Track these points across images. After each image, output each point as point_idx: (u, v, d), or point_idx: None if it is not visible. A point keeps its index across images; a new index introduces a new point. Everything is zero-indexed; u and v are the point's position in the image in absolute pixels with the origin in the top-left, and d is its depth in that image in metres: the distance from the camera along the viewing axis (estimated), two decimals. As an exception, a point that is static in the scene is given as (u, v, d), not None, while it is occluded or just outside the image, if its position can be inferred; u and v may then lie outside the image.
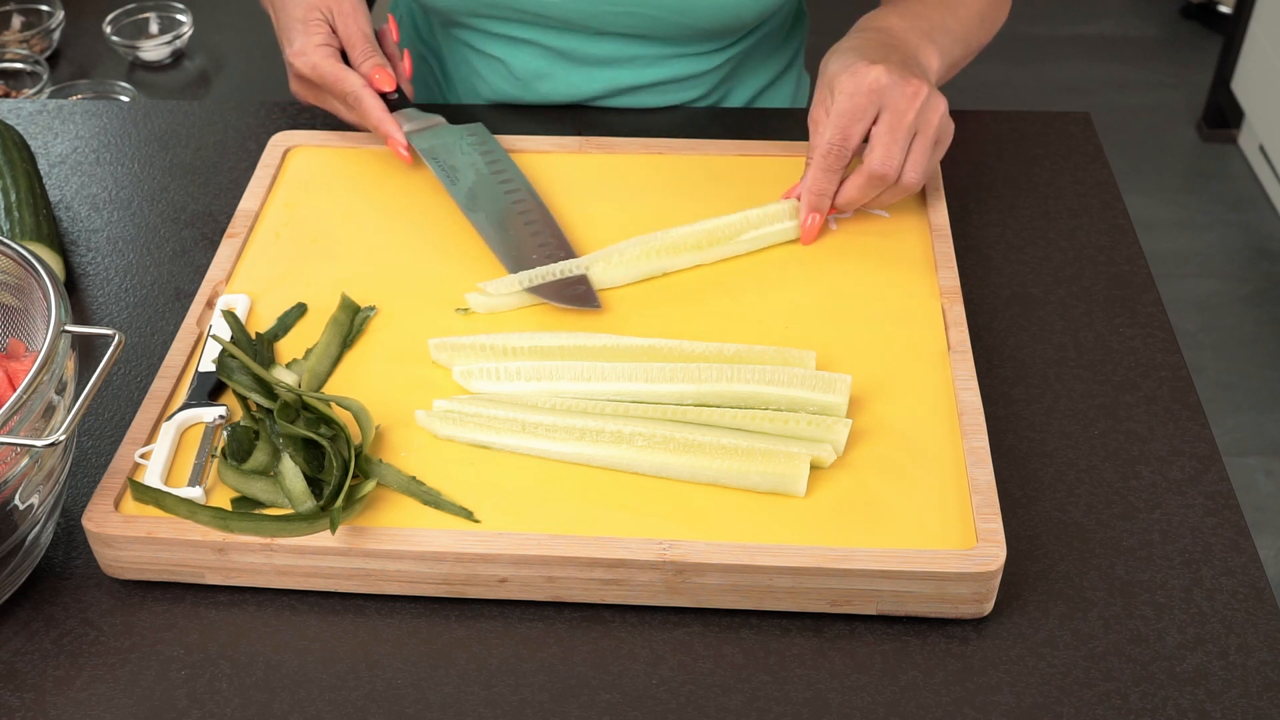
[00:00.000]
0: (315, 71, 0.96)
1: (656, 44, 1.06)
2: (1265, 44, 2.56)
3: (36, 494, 0.69)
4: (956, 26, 0.97)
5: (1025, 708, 0.67)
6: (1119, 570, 0.73)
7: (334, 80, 0.95)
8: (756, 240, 0.89)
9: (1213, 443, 0.80)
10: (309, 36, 0.96)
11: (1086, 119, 1.08)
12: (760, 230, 0.89)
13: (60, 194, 1.02)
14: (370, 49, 0.97)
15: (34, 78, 1.58)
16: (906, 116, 0.85)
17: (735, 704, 0.67)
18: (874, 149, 0.85)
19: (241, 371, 0.79)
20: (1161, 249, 2.49)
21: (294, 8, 0.97)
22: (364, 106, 0.95)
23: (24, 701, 0.68)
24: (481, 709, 0.67)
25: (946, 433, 0.76)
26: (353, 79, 0.95)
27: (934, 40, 0.94)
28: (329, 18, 0.97)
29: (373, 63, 0.97)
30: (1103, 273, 0.92)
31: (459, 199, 0.92)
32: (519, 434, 0.75)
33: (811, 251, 0.90)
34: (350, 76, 0.95)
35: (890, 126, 0.85)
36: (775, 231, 0.90)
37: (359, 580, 0.72)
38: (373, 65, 0.97)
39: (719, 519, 0.72)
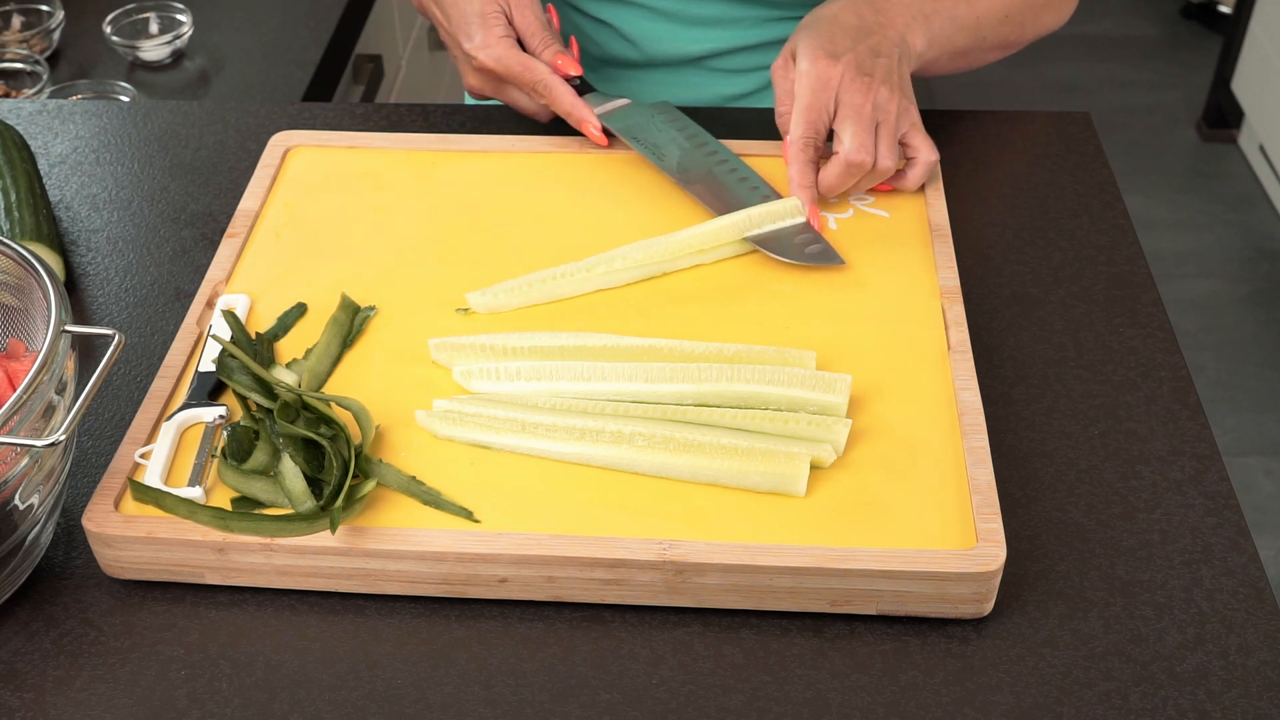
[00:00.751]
0: (500, 63, 0.96)
1: (760, 6, 1.09)
2: (1265, 44, 2.56)
3: (36, 494, 0.69)
4: (966, 14, 0.97)
5: (1025, 708, 0.67)
6: (1119, 570, 0.73)
7: (521, 70, 0.96)
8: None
9: (1213, 443, 0.80)
10: (489, 29, 0.97)
11: (1086, 119, 1.08)
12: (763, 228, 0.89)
13: (60, 194, 1.02)
14: (550, 37, 0.98)
15: (34, 78, 1.58)
16: (864, 110, 0.89)
17: (735, 704, 0.67)
18: (843, 140, 0.89)
19: (241, 371, 0.79)
20: (1161, 249, 2.49)
21: (469, 2, 0.98)
22: (555, 93, 0.97)
23: (24, 701, 0.68)
24: (481, 709, 0.67)
25: (946, 433, 0.76)
26: (541, 68, 0.97)
27: (929, 23, 0.95)
28: (506, 10, 0.98)
29: (554, 50, 0.98)
30: (1103, 273, 0.92)
31: (671, 174, 0.94)
32: (519, 434, 0.76)
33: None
34: (538, 65, 0.97)
35: (852, 119, 0.89)
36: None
37: (359, 580, 0.72)
38: (555, 52, 0.98)
39: (719, 519, 0.72)
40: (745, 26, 1.11)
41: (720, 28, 1.11)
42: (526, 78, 0.97)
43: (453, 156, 0.99)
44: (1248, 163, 2.70)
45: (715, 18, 1.10)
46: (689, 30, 1.11)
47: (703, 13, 1.10)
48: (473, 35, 0.97)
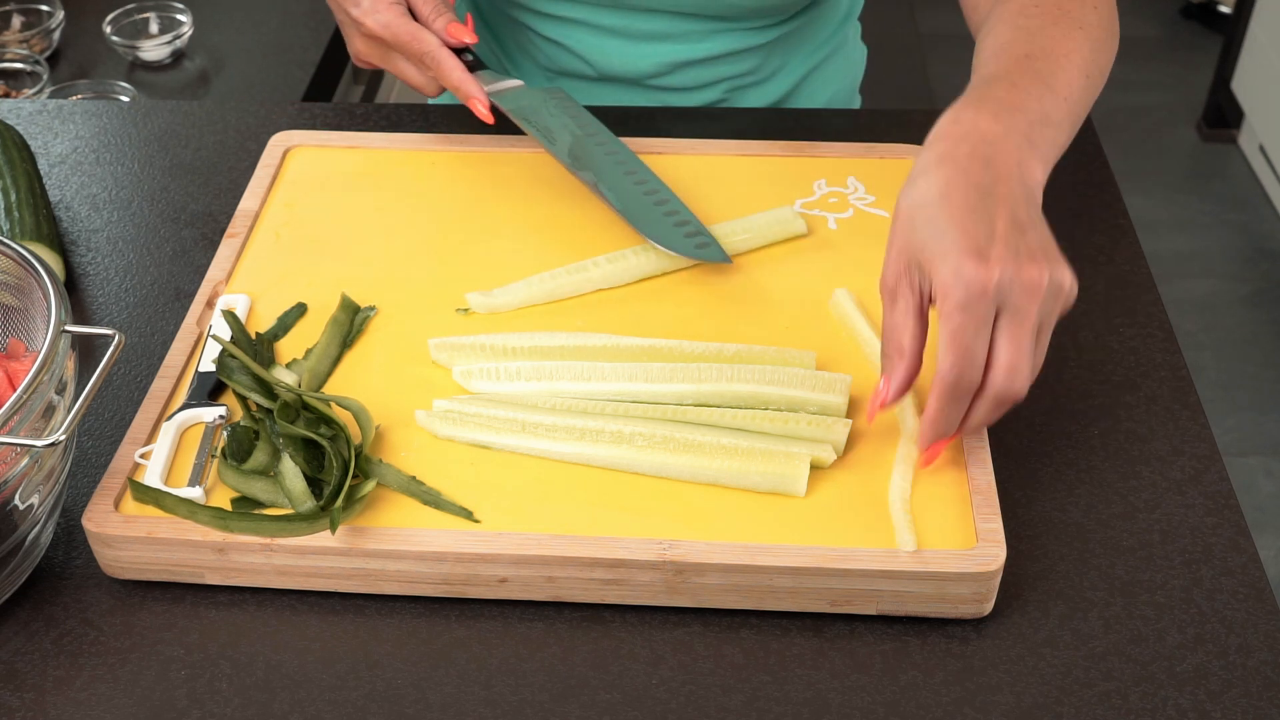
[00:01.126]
0: (388, 30, 0.92)
1: (706, 20, 1.07)
2: (1265, 44, 2.56)
3: (36, 494, 0.69)
4: (1059, 106, 0.79)
5: (1025, 708, 0.67)
6: (1119, 570, 0.73)
7: (409, 38, 0.92)
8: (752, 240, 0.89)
9: (1213, 443, 0.80)
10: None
11: (1086, 119, 1.07)
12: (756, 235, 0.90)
13: (60, 194, 1.02)
14: (442, 5, 0.94)
15: (34, 78, 1.58)
16: (1030, 319, 0.68)
17: (735, 704, 0.67)
18: (995, 369, 0.69)
19: (241, 371, 0.79)
20: (1161, 249, 2.49)
21: None
22: (443, 66, 0.92)
23: (24, 701, 0.68)
24: (481, 709, 0.67)
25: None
26: (429, 37, 0.92)
27: (1035, 143, 0.75)
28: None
29: (446, 19, 0.93)
30: (1103, 273, 0.92)
31: (561, 157, 0.91)
32: (519, 434, 0.76)
33: (812, 252, 0.89)
34: (426, 35, 0.92)
35: (1012, 337, 0.68)
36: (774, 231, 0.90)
37: (359, 580, 0.72)
38: (447, 21, 0.93)
39: (719, 519, 0.72)
40: (694, 40, 1.08)
41: (669, 42, 1.08)
42: (414, 47, 0.92)
43: (453, 156, 0.99)
44: (1248, 163, 2.70)
45: (663, 33, 1.08)
46: (637, 46, 1.09)
47: (649, 28, 1.07)
48: (360, 1, 0.92)
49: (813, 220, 0.92)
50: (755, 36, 1.10)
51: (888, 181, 0.95)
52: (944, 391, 0.69)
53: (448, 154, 1.00)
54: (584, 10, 1.07)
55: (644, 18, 1.07)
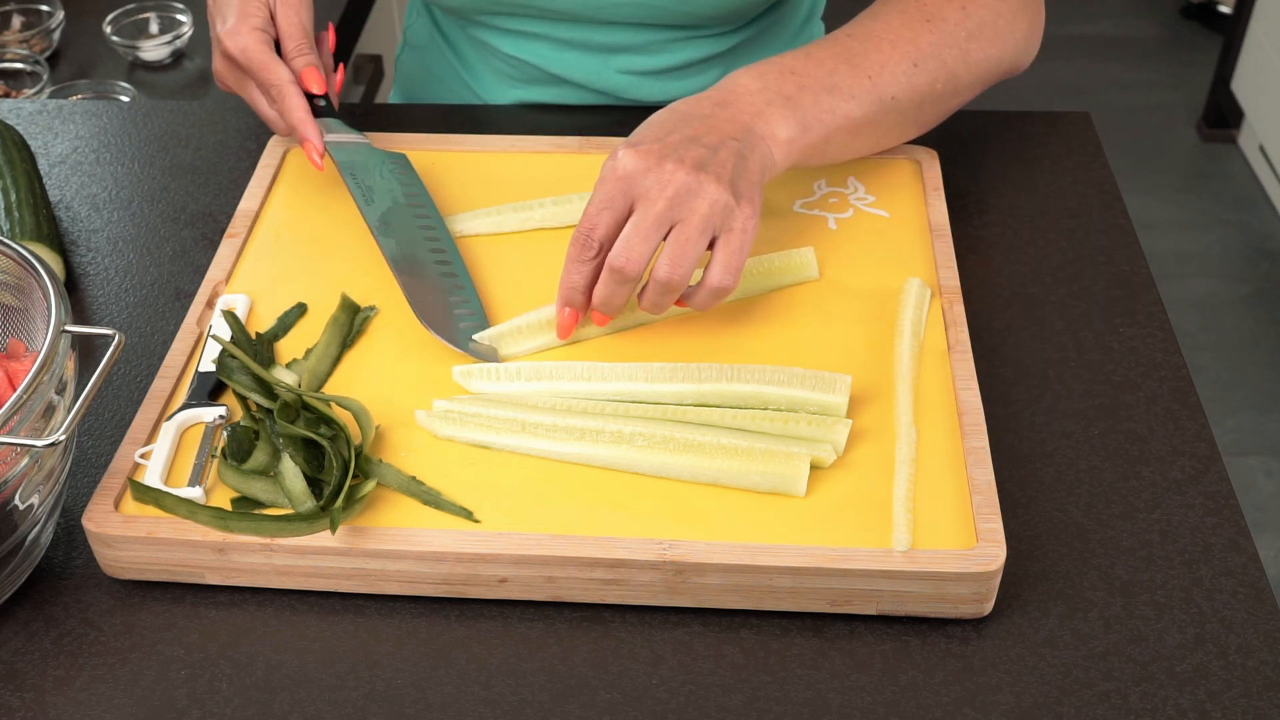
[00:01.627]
0: (244, 54, 0.90)
1: (666, 29, 1.07)
2: (1265, 44, 2.56)
3: (36, 494, 0.69)
4: (859, 82, 0.85)
5: (1025, 708, 0.67)
6: (1119, 570, 0.73)
7: (261, 67, 0.90)
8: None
9: (1213, 443, 0.80)
10: (245, 18, 0.90)
11: (1086, 119, 1.08)
12: None
13: (60, 194, 1.02)
14: (306, 45, 0.92)
15: (34, 78, 1.58)
16: (655, 205, 0.76)
17: (735, 704, 0.67)
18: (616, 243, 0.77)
19: (241, 371, 0.79)
20: (1161, 249, 2.49)
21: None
22: (287, 103, 0.90)
23: (24, 701, 0.68)
24: (481, 709, 0.67)
25: (946, 433, 0.76)
26: (282, 71, 0.90)
27: (797, 104, 0.82)
28: (270, 4, 0.92)
29: (306, 60, 0.92)
30: (1103, 273, 0.92)
31: (370, 220, 0.88)
32: (519, 434, 0.76)
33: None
34: (280, 68, 0.90)
35: (636, 216, 0.76)
36: None
37: (359, 580, 0.72)
38: (306, 62, 0.92)
39: (719, 519, 0.72)
40: (655, 51, 1.07)
41: (631, 54, 1.07)
42: (263, 76, 0.90)
43: (453, 156, 0.99)
44: (1248, 163, 2.70)
45: (623, 44, 1.07)
46: (600, 58, 1.08)
47: (609, 40, 1.06)
48: (227, 19, 0.91)
49: (813, 220, 0.92)
50: (717, 44, 1.09)
51: (888, 181, 0.95)
52: (571, 250, 0.79)
53: (448, 154, 1.00)
54: (543, 25, 1.06)
55: (603, 30, 1.06)
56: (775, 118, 0.82)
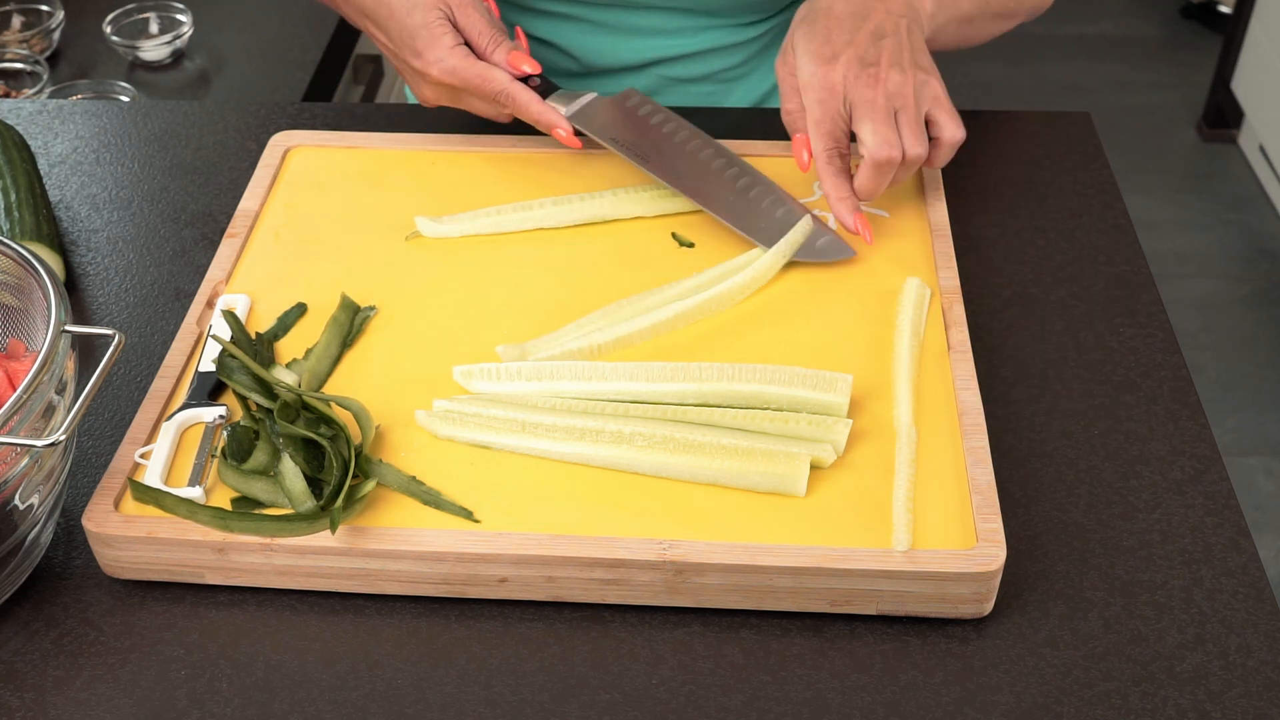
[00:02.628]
0: (456, 76, 0.91)
1: (699, 16, 1.08)
2: (1265, 44, 2.56)
3: (36, 494, 0.69)
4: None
5: (1025, 708, 0.67)
6: (1119, 570, 0.73)
7: (480, 82, 0.92)
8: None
9: (1213, 443, 0.80)
10: (437, 41, 0.91)
11: (1086, 119, 1.08)
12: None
13: (60, 194, 1.02)
14: (498, 34, 0.93)
15: (34, 78, 1.58)
16: (878, 102, 0.85)
17: (735, 704, 0.67)
18: (865, 140, 0.85)
19: (241, 371, 0.79)
20: (1161, 249, 2.49)
21: (407, 13, 0.92)
22: (519, 102, 0.92)
23: (24, 701, 0.68)
24: (481, 709, 0.67)
25: (946, 433, 0.76)
26: (499, 76, 0.92)
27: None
28: (448, 13, 0.93)
29: (506, 47, 0.93)
30: (1103, 273, 0.92)
31: (662, 177, 0.91)
32: (519, 434, 0.76)
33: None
34: (496, 74, 0.92)
35: (869, 117, 0.85)
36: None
37: (359, 580, 0.72)
38: (507, 50, 0.93)
39: (719, 519, 0.72)
40: (684, 36, 1.09)
41: (660, 38, 1.09)
42: (486, 89, 0.92)
43: (453, 156, 0.99)
44: (1248, 163, 2.70)
45: (655, 28, 1.08)
46: (629, 41, 1.09)
47: (642, 24, 1.08)
48: (420, 50, 0.92)
49: (813, 220, 0.92)
50: (743, 32, 1.11)
51: (888, 181, 0.96)
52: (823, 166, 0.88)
53: (448, 154, 1.00)
54: (578, 7, 1.08)
55: (639, 14, 1.08)
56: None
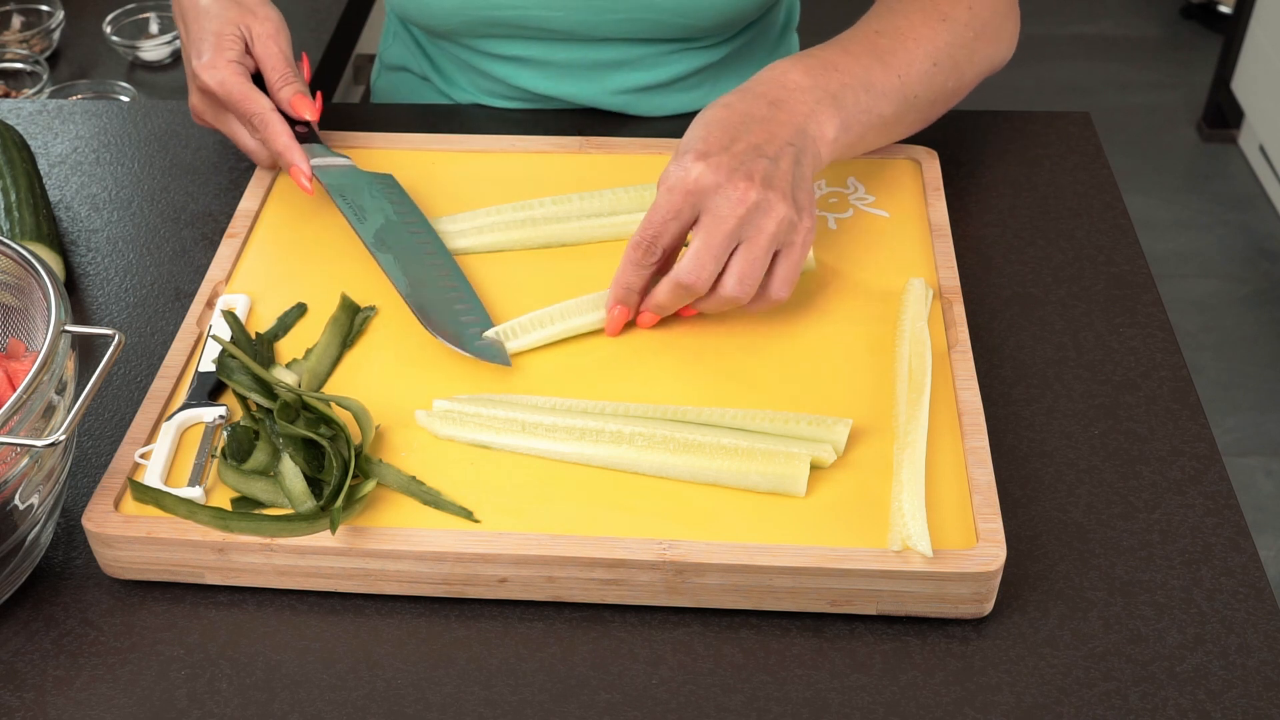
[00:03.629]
0: (223, 87, 0.90)
1: (660, 44, 1.06)
2: (1265, 44, 2.56)
3: (36, 494, 0.69)
4: (889, 80, 0.86)
5: (1025, 708, 0.67)
6: (1119, 570, 0.73)
7: (241, 98, 0.90)
8: None
9: (1213, 443, 0.80)
10: (220, 51, 0.91)
11: (1086, 119, 1.08)
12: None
13: (60, 194, 1.02)
14: (291, 74, 0.92)
15: (34, 78, 1.58)
16: (726, 224, 0.76)
17: (735, 704, 0.67)
18: (685, 255, 0.78)
19: (241, 371, 0.79)
20: (1161, 249, 2.49)
21: (209, 19, 0.92)
22: (270, 130, 0.90)
23: (24, 701, 0.68)
24: (481, 709, 0.67)
25: (946, 433, 0.76)
26: (262, 100, 0.90)
27: (841, 103, 0.83)
28: (246, 36, 0.92)
29: (294, 88, 0.92)
30: (1103, 273, 0.92)
31: (365, 238, 0.88)
32: (519, 434, 0.76)
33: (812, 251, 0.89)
34: (260, 98, 0.90)
35: (706, 234, 0.77)
36: None
37: (359, 580, 0.72)
38: (293, 91, 0.92)
39: (719, 519, 0.72)
40: (648, 66, 1.07)
41: (625, 70, 1.07)
42: (245, 106, 0.90)
43: (453, 156, 0.99)
44: (1248, 163, 2.70)
45: (617, 60, 1.06)
46: (593, 76, 1.07)
47: (603, 57, 1.06)
48: (203, 53, 0.91)
49: (813, 220, 0.92)
50: (708, 55, 1.09)
51: (888, 181, 0.96)
52: (629, 252, 0.80)
53: (448, 154, 1.00)
54: (536, 46, 1.05)
55: (597, 47, 1.05)
56: (824, 117, 0.82)
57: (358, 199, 0.91)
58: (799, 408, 0.77)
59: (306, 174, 0.90)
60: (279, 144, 0.90)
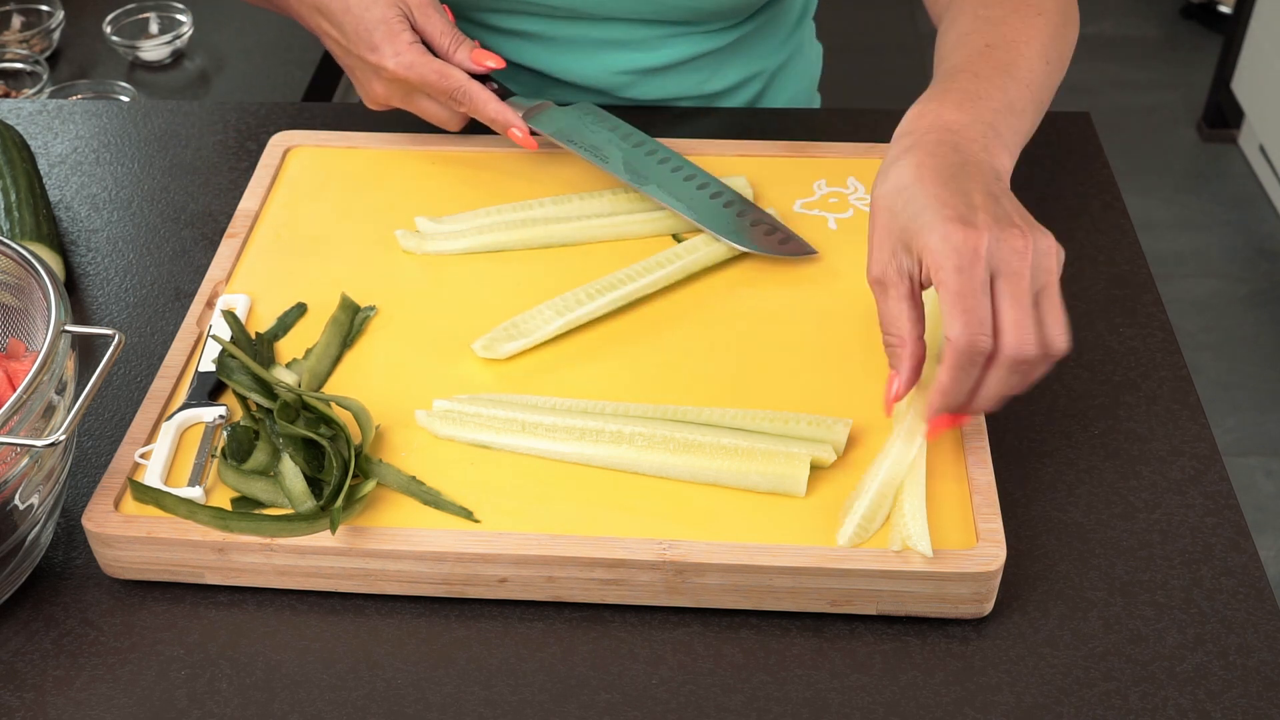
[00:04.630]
0: (414, 71, 0.91)
1: (665, 25, 1.06)
2: (1265, 44, 2.56)
3: (36, 494, 0.69)
4: (1022, 94, 0.80)
5: (1025, 708, 0.67)
6: (1119, 570, 0.73)
7: (436, 77, 0.91)
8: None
9: (1213, 443, 0.80)
10: (396, 37, 0.91)
11: (1086, 119, 1.08)
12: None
13: (60, 194, 1.02)
14: (459, 36, 0.93)
15: (34, 78, 1.58)
16: (1024, 279, 0.68)
17: (735, 704, 0.67)
18: (1004, 332, 0.68)
19: (241, 371, 0.79)
20: (1161, 249, 2.49)
21: (367, 9, 0.91)
22: (476, 100, 0.92)
23: (24, 701, 0.68)
24: (481, 709, 0.67)
25: (947, 433, 0.76)
26: (456, 72, 0.91)
27: (999, 131, 0.77)
28: (408, 13, 0.92)
29: (468, 46, 0.93)
30: (1103, 273, 0.92)
31: (619, 174, 0.91)
32: (519, 434, 0.76)
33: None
34: (454, 71, 0.91)
35: (1013, 298, 0.68)
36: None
37: (359, 580, 0.72)
38: (470, 48, 0.93)
39: (719, 519, 0.72)
40: (652, 47, 1.07)
41: (628, 50, 1.07)
42: (442, 85, 0.91)
43: (453, 156, 0.99)
44: (1248, 163, 2.70)
45: (621, 40, 1.06)
46: (596, 56, 1.07)
47: (607, 36, 1.06)
48: (378, 45, 0.91)
49: (813, 220, 0.92)
50: (712, 40, 1.08)
51: (888, 181, 0.95)
52: (956, 357, 0.68)
53: (448, 154, 1.00)
54: (541, 23, 1.06)
55: (602, 26, 1.05)
56: (996, 150, 0.76)
57: (584, 139, 0.94)
58: (799, 408, 0.77)
59: (523, 129, 0.92)
60: (490, 111, 0.92)
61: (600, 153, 0.93)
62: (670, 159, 0.94)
